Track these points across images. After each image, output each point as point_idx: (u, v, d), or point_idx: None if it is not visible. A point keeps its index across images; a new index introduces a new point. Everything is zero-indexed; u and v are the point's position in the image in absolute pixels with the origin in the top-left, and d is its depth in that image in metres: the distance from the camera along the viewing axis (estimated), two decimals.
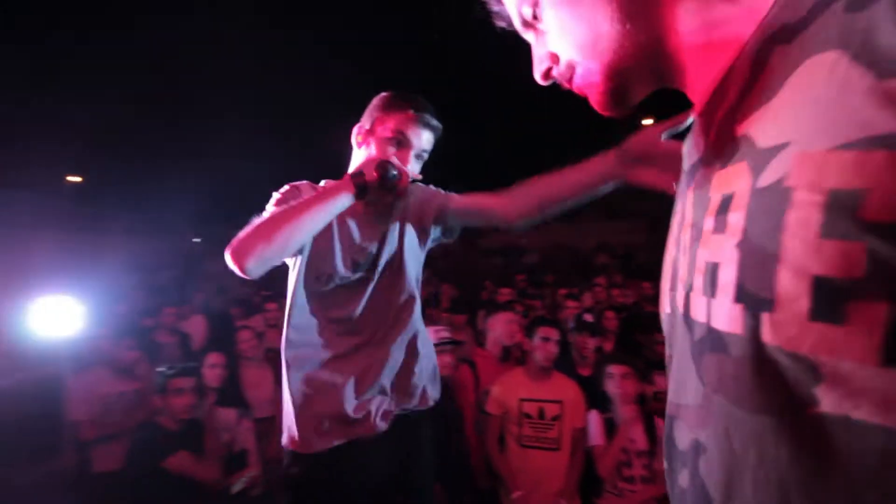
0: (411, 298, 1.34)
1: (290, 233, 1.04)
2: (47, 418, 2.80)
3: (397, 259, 1.31)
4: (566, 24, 0.46)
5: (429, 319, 4.32)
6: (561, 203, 1.19)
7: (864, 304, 0.26)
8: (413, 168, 1.24)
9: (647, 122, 1.10)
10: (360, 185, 1.11)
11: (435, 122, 1.23)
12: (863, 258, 0.26)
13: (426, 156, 1.28)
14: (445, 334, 2.53)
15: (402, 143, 1.21)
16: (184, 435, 2.21)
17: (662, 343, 1.98)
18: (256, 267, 1.01)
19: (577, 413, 2.40)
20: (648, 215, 15.73)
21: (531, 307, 4.10)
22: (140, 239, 11.18)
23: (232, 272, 1.04)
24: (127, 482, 2.13)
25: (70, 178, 15.62)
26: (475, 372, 2.81)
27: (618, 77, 0.45)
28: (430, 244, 1.41)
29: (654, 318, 2.48)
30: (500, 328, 2.83)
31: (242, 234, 1.03)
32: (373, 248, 1.28)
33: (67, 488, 2.73)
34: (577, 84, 0.48)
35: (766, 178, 0.31)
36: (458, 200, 1.36)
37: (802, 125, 0.29)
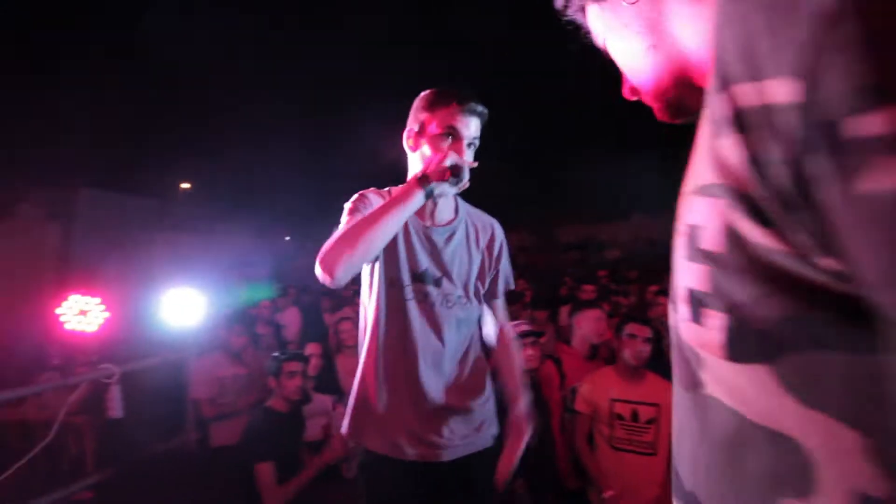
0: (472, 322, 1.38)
1: (370, 240, 1.09)
2: (174, 398, 3.18)
3: (469, 284, 1.35)
4: (617, 57, 0.55)
5: (509, 315, 4.30)
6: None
7: (712, 312, 0.34)
8: (468, 157, 1.25)
9: None
10: (427, 186, 1.15)
11: (481, 109, 1.24)
12: (707, 278, 0.34)
13: (478, 143, 1.29)
14: (526, 327, 2.49)
15: (453, 136, 1.23)
16: (291, 417, 2.40)
17: None
18: (344, 275, 1.08)
19: None
20: None
21: (618, 304, 3.91)
22: (239, 238, 12.26)
23: (309, 269, 1.12)
24: (240, 458, 2.34)
25: (183, 186, 17.65)
26: (560, 369, 2.74)
27: (664, 96, 0.52)
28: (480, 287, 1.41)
29: None
30: (587, 326, 2.73)
31: (327, 246, 1.09)
32: (438, 264, 1.31)
33: (188, 460, 3.09)
34: (645, 101, 0.58)
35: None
36: (497, 303, 1.46)
37: (692, 167, 0.37)
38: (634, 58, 0.51)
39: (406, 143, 1.31)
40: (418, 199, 1.14)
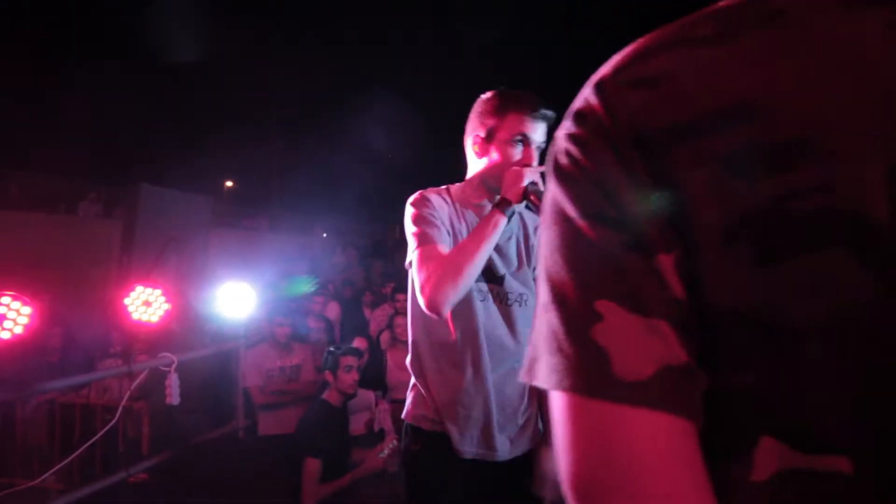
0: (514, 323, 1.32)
1: (469, 274, 1.14)
2: (224, 387, 3.30)
3: (524, 282, 1.33)
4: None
5: None
6: None
7: None
8: (535, 162, 1.25)
9: None
10: (508, 210, 1.17)
11: (550, 113, 1.22)
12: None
13: (544, 146, 1.27)
14: None
15: (524, 143, 1.22)
16: (342, 411, 2.46)
17: None
18: (448, 309, 1.14)
19: None
20: None
21: None
22: (280, 235, 12.63)
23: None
24: (293, 448, 2.41)
25: (227, 184, 18.35)
26: None
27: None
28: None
29: None
30: None
31: (432, 282, 1.12)
32: (504, 267, 1.31)
33: (237, 447, 3.20)
34: None
35: None
36: None
37: None
38: None
39: (472, 149, 1.30)
40: (503, 224, 1.17)
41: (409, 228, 1.25)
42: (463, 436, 1.26)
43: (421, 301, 1.14)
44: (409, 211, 1.26)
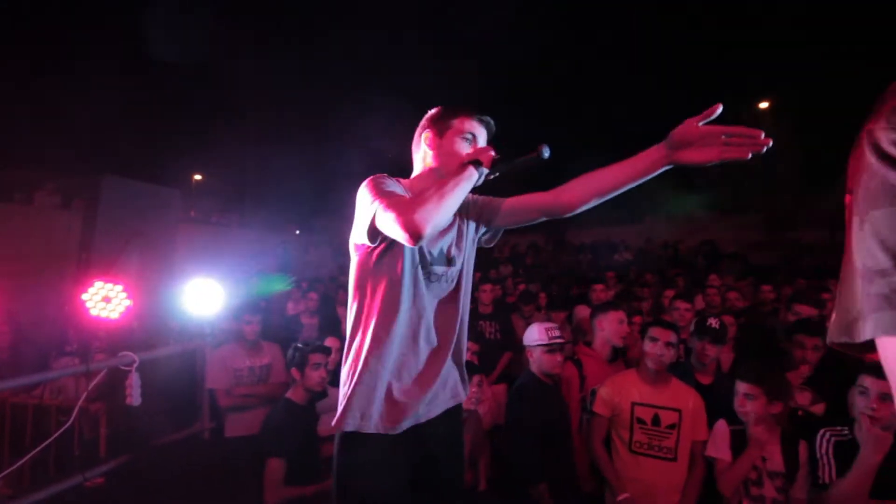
0: (469, 292, 1.50)
1: (450, 206, 1.20)
2: (189, 387, 3.18)
3: (466, 258, 1.48)
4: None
5: (521, 314, 4.28)
6: (616, 189, 1.33)
7: None
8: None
9: None
10: (480, 168, 1.29)
11: (491, 121, 1.45)
12: None
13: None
14: (556, 333, 2.46)
15: (471, 141, 1.42)
16: (308, 409, 2.39)
17: (804, 348, 1.77)
18: (430, 235, 1.16)
19: (698, 425, 2.21)
20: (769, 210, 14.21)
21: (637, 308, 3.87)
22: (251, 232, 12.33)
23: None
24: (257, 449, 2.34)
25: (196, 177, 17.78)
26: (581, 370, 2.71)
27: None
28: (473, 246, 1.54)
29: (797, 322, 2.19)
30: (609, 327, 2.70)
31: (414, 207, 1.15)
32: (452, 247, 1.44)
33: (201, 450, 3.09)
34: None
35: None
36: (509, 200, 1.52)
37: None
38: None
39: (426, 144, 1.45)
40: (474, 177, 1.27)
41: (365, 199, 1.27)
42: (405, 413, 1.34)
43: (397, 230, 1.15)
44: (365, 186, 1.31)
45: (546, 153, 1.29)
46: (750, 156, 1.12)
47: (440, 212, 1.16)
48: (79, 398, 2.31)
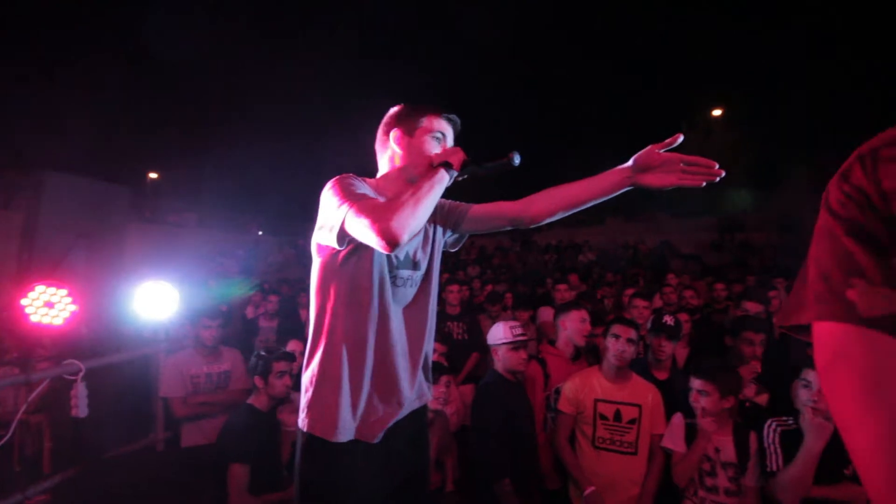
0: (435, 296, 1.50)
1: (425, 212, 1.19)
2: (141, 396, 3.03)
3: (432, 261, 1.47)
4: None
5: (489, 315, 4.31)
6: (580, 205, 1.40)
7: None
8: None
9: None
10: (451, 171, 1.28)
11: (457, 119, 1.44)
12: None
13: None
14: (520, 331, 2.48)
15: (440, 140, 1.41)
16: (270, 416, 2.32)
17: (752, 344, 1.91)
18: (407, 241, 1.15)
19: (657, 419, 2.29)
20: (721, 213, 14.91)
21: (602, 307, 3.97)
22: (211, 233, 11.90)
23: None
24: (217, 456, 2.25)
25: (151, 176, 16.97)
26: (545, 369, 2.76)
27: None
28: (440, 250, 1.54)
29: (742, 319, 2.34)
30: (572, 326, 2.75)
31: (389, 214, 1.13)
32: (417, 251, 1.43)
33: (156, 462, 2.95)
34: None
35: None
36: (476, 206, 1.55)
37: None
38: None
39: (392, 142, 1.41)
40: (446, 180, 1.26)
41: (332, 200, 1.23)
42: (375, 424, 1.32)
43: (372, 236, 1.12)
44: (330, 186, 1.27)
45: (517, 160, 1.29)
46: (704, 184, 1.25)
47: (416, 218, 1.15)
48: (18, 411, 2.16)
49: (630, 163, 1.31)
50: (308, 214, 1.29)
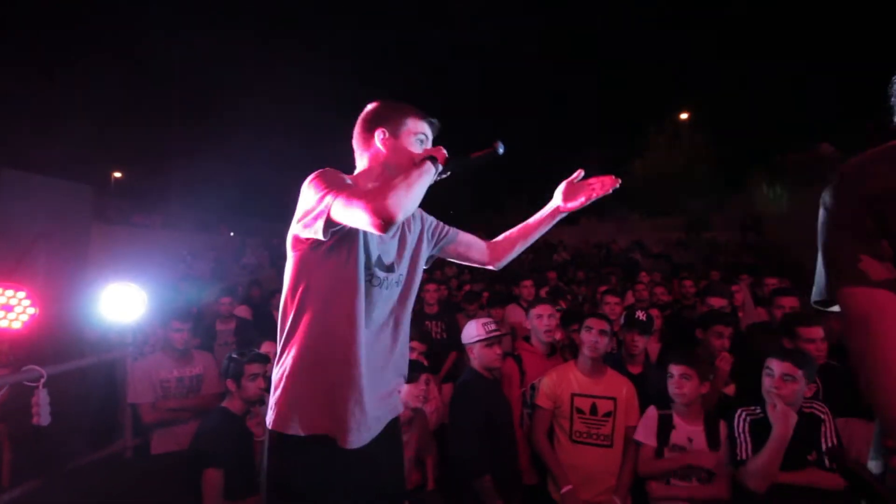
0: (412, 303, 1.51)
1: (417, 195, 1.20)
2: (107, 402, 2.91)
3: (412, 272, 1.49)
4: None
5: (466, 314, 4.33)
6: (531, 239, 1.69)
7: None
8: None
9: None
10: (437, 165, 1.29)
11: (438, 123, 1.48)
12: None
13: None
14: (493, 327, 2.50)
15: (423, 142, 1.44)
16: (244, 419, 2.27)
17: (721, 337, 2.02)
18: (401, 221, 1.16)
19: (631, 411, 2.35)
20: (688, 213, 15.39)
21: (575, 302, 4.03)
22: (179, 234, 11.54)
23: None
24: (190, 460, 2.19)
25: (115, 174, 16.29)
26: (521, 366, 2.78)
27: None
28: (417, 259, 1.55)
29: (712, 312, 2.45)
30: (537, 321, 2.79)
31: (385, 194, 1.14)
32: (394, 254, 1.43)
33: (124, 469, 2.84)
34: None
35: None
36: (462, 233, 1.66)
37: None
38: None
39: (378, 141, 1.41)
40: (432, 173, 1.27)
41: (315, 192, 1.23)
42: (349, 422, 1.29)
43: (366, 218, 1.13)
44: (312, 179, 1.26)
45: (501, 149, 1.34)
46: (611, 190, 1.59)
47: (410, 199, 1.17)
48: None
49: (556, 198, 1.64)
50: (281, 215, 1.26)
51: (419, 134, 1.43)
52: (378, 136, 1.41)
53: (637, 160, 18.50)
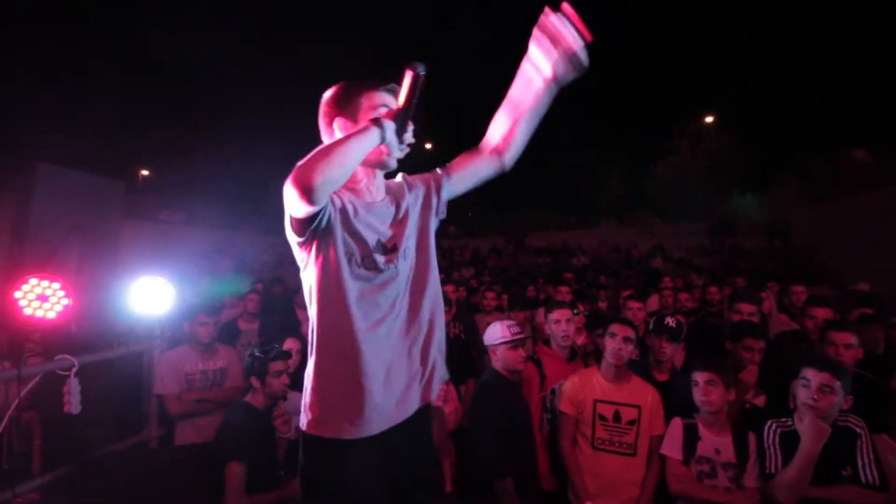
0: (435, 281, 1.43)
1: (344, 155, 1.09)
2: (134, 393, 2.97)
3: (421, 246, 1.41)
4: None
5: (486, 315, 4.31)
6: (531, 118, 1.41)
7: None
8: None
9: None
10: (380, 123, 1.17)
11: (395, 85, 1.30)
12: None
13: None
14: (518, 329, 2.48)
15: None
16: (268, 414, 2.29)
17: (751, 351, 1.95)
18: (322, 188, 1.06)
19: (656, 420, 2.30)
20: (712, 217, 15.07)
21: (595, 307, 3.98)
22: (200, 230, 11.77)
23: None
24: (213, 454, 2.22)
25: (143, 172, 16.75)
26: (541, 370, 2.75)
27: None
28: (436, 223, 1.47)
29: (745, 323, 2.38)
30: (555, 326, 2.76)
31: (303, 161, 1.06)
32: (391, 235, 1.35)
33: (148, 459, 2.89)
34: None
35: None
36: (451, 167, 1.48)
37: None
38: None
39: (338, 130, 1.31)
40: (373, 133, 1.15)
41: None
42: (374, 414, 1.27)
43: (290, 190, 1.06)
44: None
45: (421, 69, 1.17)
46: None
47: (333, 163, 1.06)
48: (9, 407, 2.11)
49: (538, 59, 1.34)
50: None
51: (377, 107, 1.29)
52: (337, 125, 1.32)
53: (660, 163, 18.21)
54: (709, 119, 18.54)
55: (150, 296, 2.52)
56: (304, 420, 1.29)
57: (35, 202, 2.46)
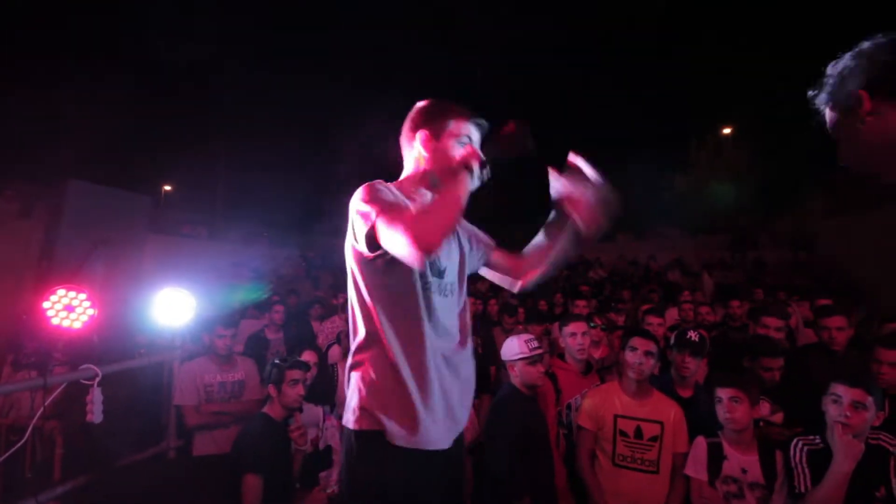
0: (467, 313, 1.49)
1: (454, 220, 1.21)
2: (153, 403, 3.02)
3: (462, 275, 1.47)
4: None
5: (504, 329, 4.27)
6: (551, 256, 1.50)
7: None
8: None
9: None
10: (472, 170, 1.28)
11: (484, 122, 1.43)
12: None
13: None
14: (536, 344, 2.45)
15: (466, 144, 1.40)
16: (284, 425, 2.30)
17: (772, 370, 1.86)
18: (442, 246, 1.20)
19: (680, 436, 2.23)
20: (733, 230, 14.76)
21: (612, 320, 3.91)
22: (221, 245, 12.01)
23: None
24: (231, 465, 2.22)
25: (165, 188, 17.27)
26: (556, 384, 2.71)
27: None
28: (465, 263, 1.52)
29: (762, 340, 2.27)
30: (570, 339, 2.72)
31: (421, 224, 1.12)
32: (445, 259, 1.40)
33: (167, 470, 2.92)
34: None
35: None
36: (497, 250, 1.59)
37: None
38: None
39: (419, 146, 1.40)
40: (469, 182, 1.26)
41: (361, 207, 1.24)
42: (431, 428, 1.29)
43: (406, 247, 1.12)
44: (360, 194, 1.28)
45: (527, 132, 1.29)
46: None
47: (449, 222, 1.19)
48: (34, 415, 2.16)
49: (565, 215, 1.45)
50: (318, 227, 1.28)
51: (462, 136, 1.39)
52: (419, 136, 1.40)
53: (678, 174, 17.98)
54: (727, 130, 18.31)
55: (172, 307, 2.57)
56: (355, 419, 1.29)
57: (65, 217, 2.55)
